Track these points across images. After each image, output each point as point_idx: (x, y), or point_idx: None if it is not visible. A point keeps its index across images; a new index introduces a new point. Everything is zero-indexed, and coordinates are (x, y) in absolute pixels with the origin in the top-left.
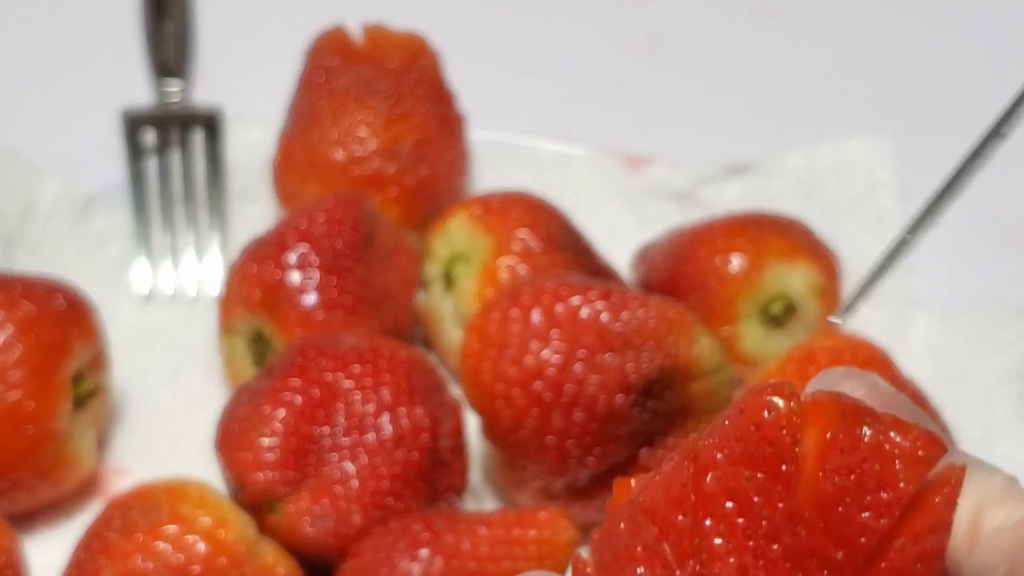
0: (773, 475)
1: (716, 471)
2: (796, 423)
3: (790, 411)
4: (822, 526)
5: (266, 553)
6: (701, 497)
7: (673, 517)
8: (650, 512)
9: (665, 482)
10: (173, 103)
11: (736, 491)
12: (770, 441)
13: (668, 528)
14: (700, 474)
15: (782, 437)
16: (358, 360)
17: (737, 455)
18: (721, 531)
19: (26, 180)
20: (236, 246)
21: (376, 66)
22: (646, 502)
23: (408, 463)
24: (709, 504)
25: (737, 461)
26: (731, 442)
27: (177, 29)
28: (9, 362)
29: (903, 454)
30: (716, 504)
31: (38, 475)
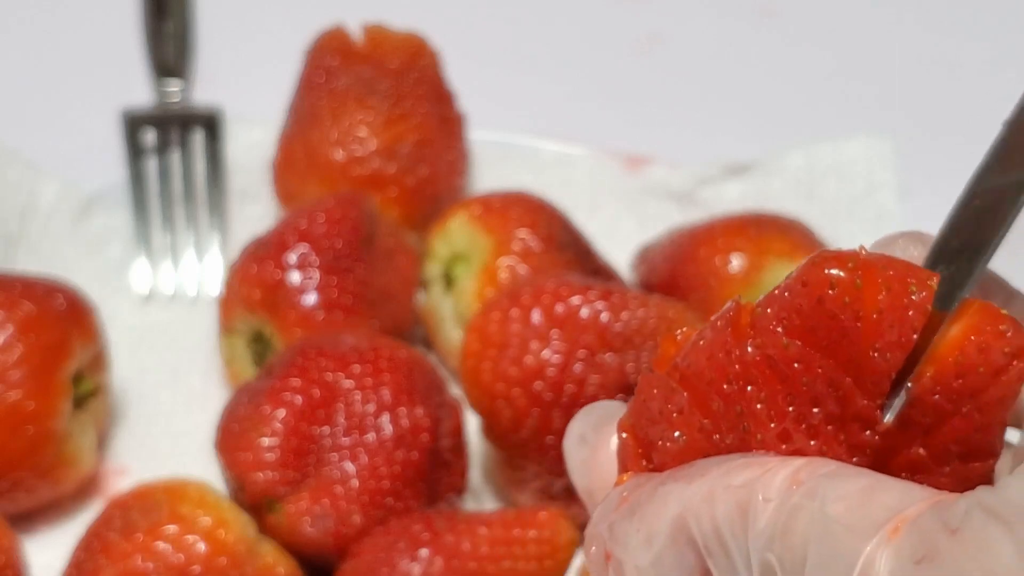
0: (822, 345)
1: (758, 338)
2: (859, 297)
3: (854, 285)
4: (870, 393)
5: (266, 553)
6: (743, 364)
7: (718, 384)
8: (693, 378)
9: (709, 349)
10: (173, 103)
11: (777, 358)
12: (832, 315)
13: (710, 394)
14: (742, 342)
15: (844, 312)
16: (358, 360)
17: (797, 328)
18: (762, 397)
19: (26, 180)
20: (236, 246)
21: (376, 66)
22: (689, 368)
23: (408, 463)
24: (750, 370)
25: (798, 334)
26: (791, 315)
27: (177, 29)
28: (9, 362)
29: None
30: (757, 370)
31: (38, 475)
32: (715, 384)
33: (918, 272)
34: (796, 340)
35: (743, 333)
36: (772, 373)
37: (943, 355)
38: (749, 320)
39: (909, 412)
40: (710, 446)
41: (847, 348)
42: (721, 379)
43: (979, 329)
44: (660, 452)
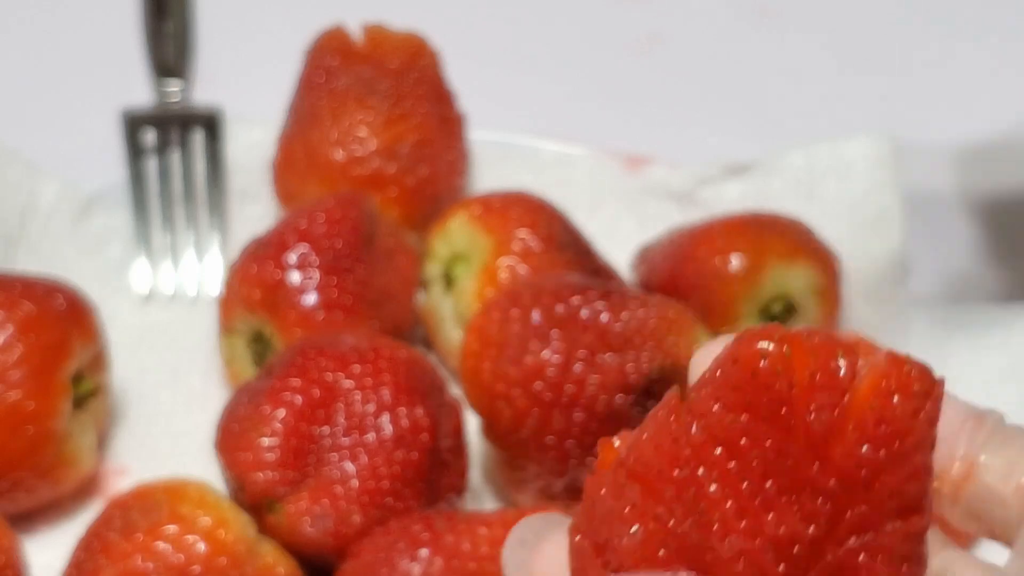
0: (762, 417)
1: (701, 420)
2: (790, 366)
3: (783, 355)
4: (813, 458)
5: (266, 553)
6: (692, 447)
7: (668, 471)
8: (642, 470)
9: (654, 440)
10: (173, 103)
11: (724, 437)
12: (766, 386)
13: (661, 483)
14: (687, 427)
15: (777, 382)
16: (358, 360)
17: (735, 404)
18: (715, 477)
19: (26, 180)
20: (236, 246)
21: (376, 66)
22: (636, 462)
23: (408, 463)
24: (699, 453)
25: (735, 410)
26: (728, 392)
27: (177, 29)
28: (9, 362)
29: (875, 383)
30: (705, 451)
31: (38, 475)
32: (665, 472)
33: (841, 341)
34: (738, 415)
35: (685, 418)
36: (722, 452)
37: (859, 405)
38: (688, 405)
39: (845, 467)
40: (667, 535)
41: (786, 417)
42: (671, 466)
43: (886, 374)
44: (617, 551)
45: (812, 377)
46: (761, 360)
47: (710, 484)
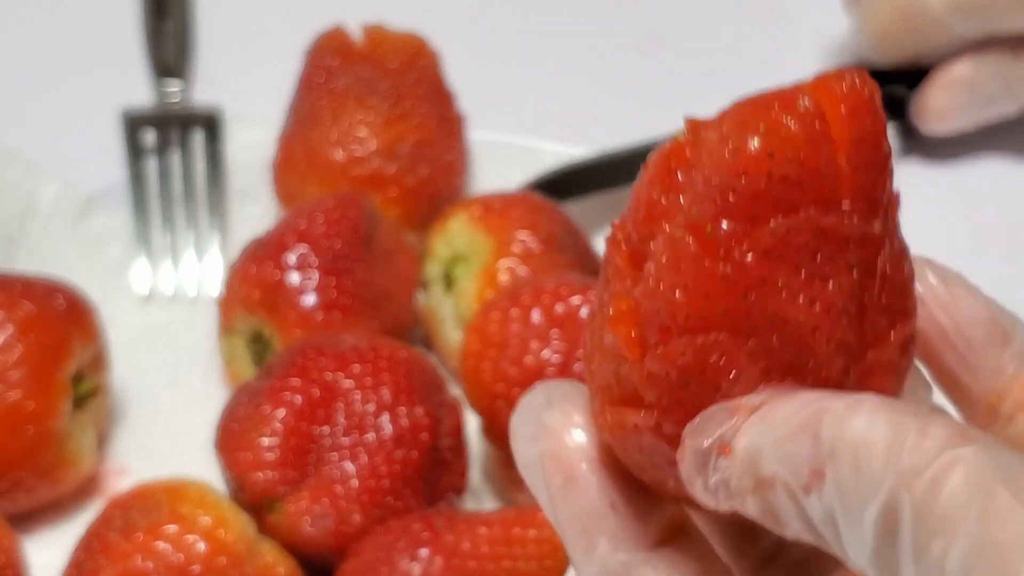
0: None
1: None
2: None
3: (762, 134)
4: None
5: (266, 553)
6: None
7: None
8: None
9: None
10: (173, 103)
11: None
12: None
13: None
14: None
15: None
16: (358, 360)
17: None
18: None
19: (26, 180)
20: (236, 246)
21: (376, 66)
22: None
23: (408, 463)
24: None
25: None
26: (747, 203)
27: (177, 29)
28: (9, 362)
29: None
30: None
31: (38, 475)
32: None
33: (780, 92)
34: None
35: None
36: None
37: (842, 139)
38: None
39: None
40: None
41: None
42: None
43: (841, 98)
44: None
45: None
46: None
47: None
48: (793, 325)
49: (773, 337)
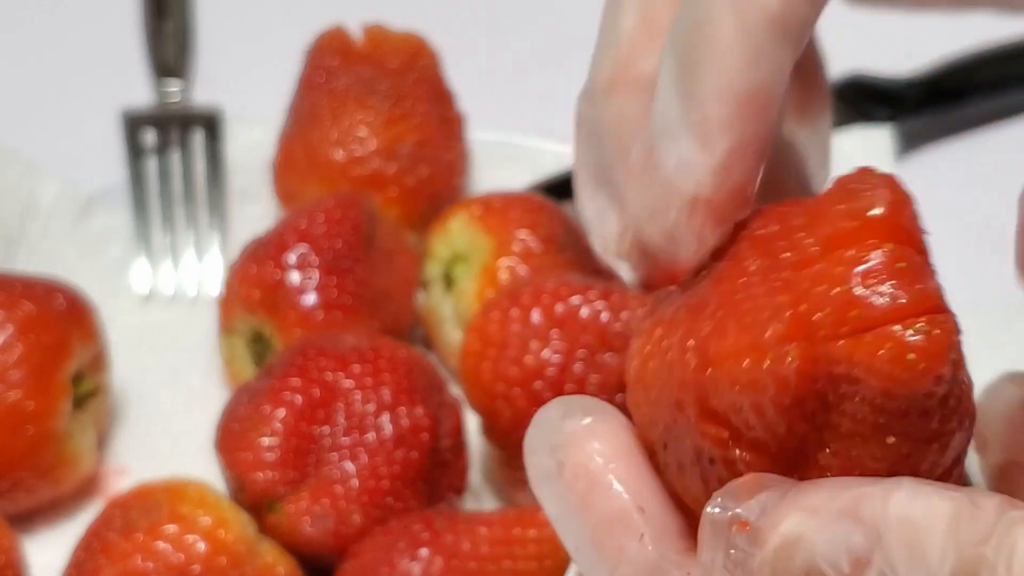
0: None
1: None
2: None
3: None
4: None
5: (266, 553)
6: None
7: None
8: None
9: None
10: (173, 103)
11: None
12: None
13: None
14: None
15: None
16: (358, 360)
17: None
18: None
19: (26, 180)
20: (236, 246)
21: (376, 66)
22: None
23: (408, 463)
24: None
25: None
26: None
27: (177, 29)
28: (9, 362)
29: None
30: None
31: (38, 475)
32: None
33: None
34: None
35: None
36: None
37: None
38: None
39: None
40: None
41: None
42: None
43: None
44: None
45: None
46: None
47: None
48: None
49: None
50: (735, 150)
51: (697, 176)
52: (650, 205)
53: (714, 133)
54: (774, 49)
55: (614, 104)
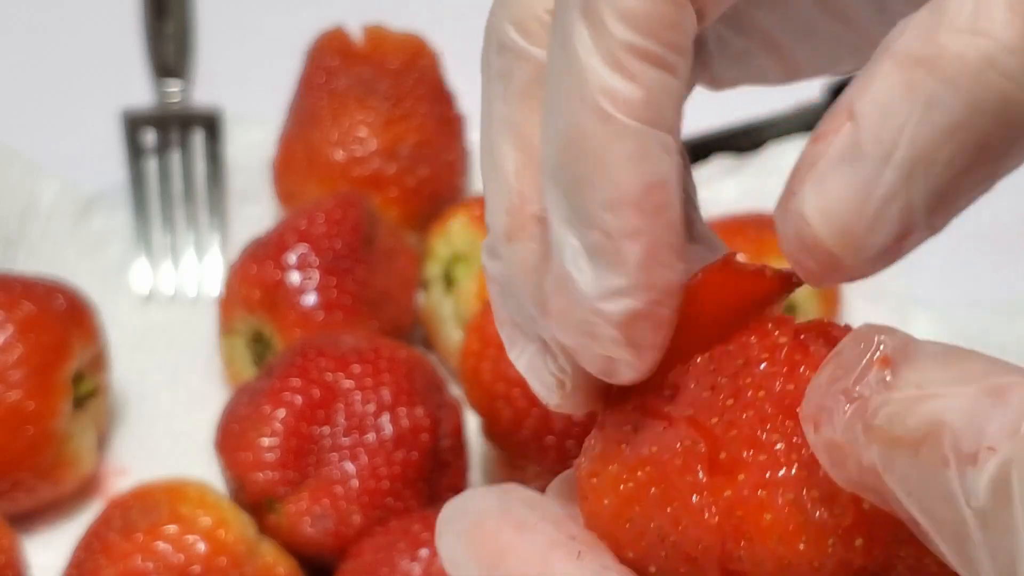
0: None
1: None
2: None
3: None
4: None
5: (266, 553)
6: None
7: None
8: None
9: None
10: (173, 103)
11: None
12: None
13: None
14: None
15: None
16: (358, 360)
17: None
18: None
19: (26, 180)
20: (236, 246)
21: (376, 66)
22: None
23: (408, 463)
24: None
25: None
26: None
27: (177, 29)
28: (9, 362)
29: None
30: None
31: (38, 475)
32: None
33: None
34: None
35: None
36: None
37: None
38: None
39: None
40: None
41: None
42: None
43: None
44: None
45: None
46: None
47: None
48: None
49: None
50: (648, 254)
51: (617, 295)
52: (581, 341)
53: (622, 247)
54: (653, 141)
55: (518, 251)
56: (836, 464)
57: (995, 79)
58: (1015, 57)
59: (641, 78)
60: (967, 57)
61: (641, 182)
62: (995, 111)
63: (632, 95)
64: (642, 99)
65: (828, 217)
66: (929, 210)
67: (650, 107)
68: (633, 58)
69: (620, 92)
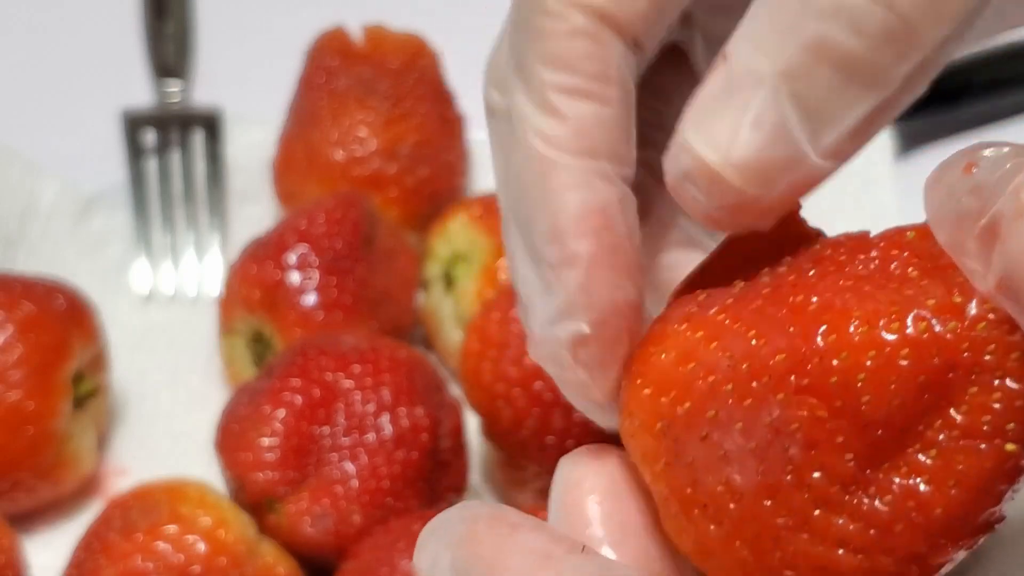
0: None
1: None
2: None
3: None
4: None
5: (266, 553)
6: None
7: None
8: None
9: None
10: (173, 103)
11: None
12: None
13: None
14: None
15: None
16: (358, 360)
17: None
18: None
19: (26, 180)
20: (236, 246)
21: (376, 66)
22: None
23: (408, 463)
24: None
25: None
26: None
27: (177, 29)
28: (9, 362)
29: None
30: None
31: (38, 475)
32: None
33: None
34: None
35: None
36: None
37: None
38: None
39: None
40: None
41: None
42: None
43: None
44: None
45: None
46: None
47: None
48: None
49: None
50: (587, 278)
51: (564, 320)
52: (551, 368)
53: (562, 275)
54: (585, 170)
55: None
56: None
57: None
58: None
59: (569, 113)
60: None
61: (574, 211)
62: (852, 26)
63: (560, 131)
64: (570, 133)
65: (709, 146)
66: (810, 132)
67: (580, 139)
68: (560, 96)
69: (549, 130)
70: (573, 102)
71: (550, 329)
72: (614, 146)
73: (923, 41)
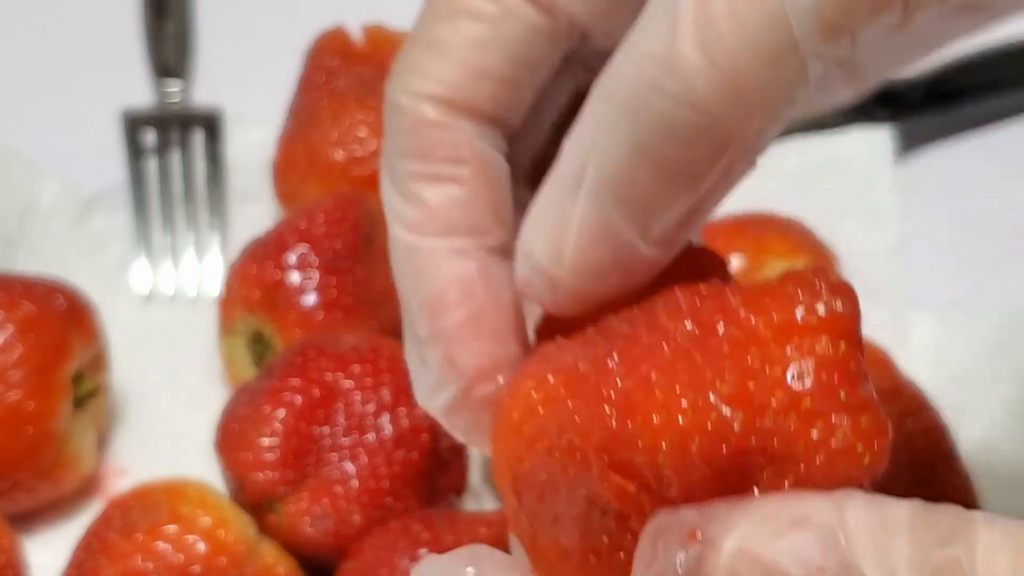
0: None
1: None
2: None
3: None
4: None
5: (266, 553)
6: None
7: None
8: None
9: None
10: (173, 103)
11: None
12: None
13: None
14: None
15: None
16: (358, 360)
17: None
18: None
19: (26, 180)
20: (236, 246)
21: (376, 66)
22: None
23: (408, 463)
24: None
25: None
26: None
27: (177, 29)
28: (9, 362)
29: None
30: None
31: (38, 475)
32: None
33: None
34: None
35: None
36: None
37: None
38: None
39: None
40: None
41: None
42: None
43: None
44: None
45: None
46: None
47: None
48: None
49: None
50: (449, 351)
51: (434, 392)
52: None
53: (425, 352)
54: (440, 250)
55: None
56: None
57: (656, 100)
58: (672, 77)
59: (425, 199)
60: (635, 81)
61: (434, 290)
62: (664, 129)
63: (419, 216)
64: (427, 217)
65: (543, 252)
66: (638, 229)
67: (435, 221)
68: (419, 184)
69: (410, 216)
70: (429, 187)
71: (428, 401)
72: (472, 221)
73: (734, 136)
